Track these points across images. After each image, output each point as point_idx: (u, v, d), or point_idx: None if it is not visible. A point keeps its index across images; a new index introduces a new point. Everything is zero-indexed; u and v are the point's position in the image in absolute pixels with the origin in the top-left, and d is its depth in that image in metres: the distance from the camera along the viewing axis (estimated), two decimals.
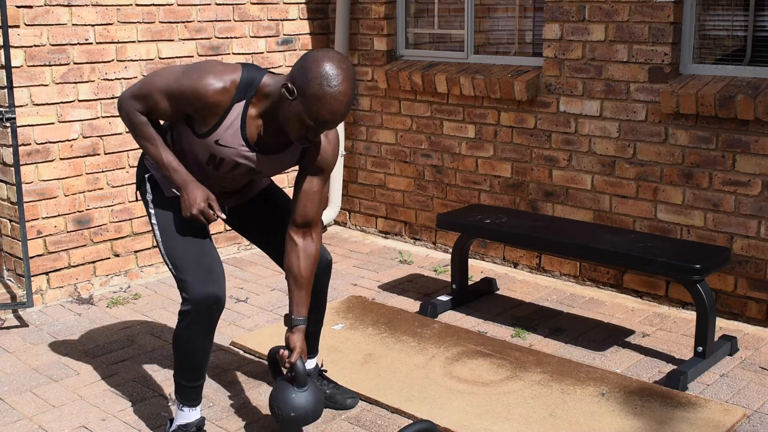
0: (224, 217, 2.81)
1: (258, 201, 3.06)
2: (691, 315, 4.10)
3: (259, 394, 3.35)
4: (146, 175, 2.89)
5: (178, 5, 4.67)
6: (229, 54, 4.93)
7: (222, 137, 2.66)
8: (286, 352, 2.84)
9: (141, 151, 4.59)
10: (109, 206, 4.54)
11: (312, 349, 3.27)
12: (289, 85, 2.50)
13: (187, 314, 2.75)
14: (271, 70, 2.74)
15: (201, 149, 2.71)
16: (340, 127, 5.43)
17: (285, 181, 5.33)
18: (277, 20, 5.19)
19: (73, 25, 4.26)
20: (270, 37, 5.15)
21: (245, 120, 2.64)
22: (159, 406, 3.25)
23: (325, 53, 2.50)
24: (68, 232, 4.39)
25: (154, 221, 2.86)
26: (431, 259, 5.05)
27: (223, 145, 2.67)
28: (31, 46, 4.12)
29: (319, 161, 2.78)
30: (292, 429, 2.86)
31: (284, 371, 2.90)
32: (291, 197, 2.96)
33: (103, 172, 4.49)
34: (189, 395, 2.90)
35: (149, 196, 2.88)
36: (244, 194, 3.03)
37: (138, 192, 2.97)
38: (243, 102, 2.62)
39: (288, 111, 2.53)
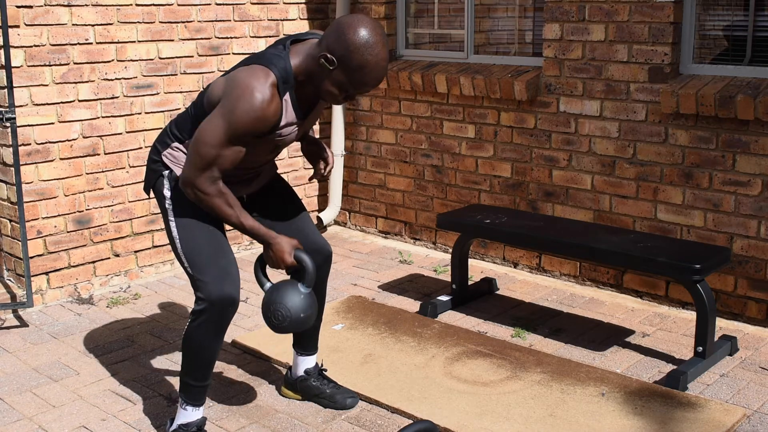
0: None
1: (268, 192, 3.09)
2: (691, 315, 4.10)
3: (259, 394, 3.35)
4: (167, 172, 2.86)
5: (178, 5, 4.67)
6: (229, 54, 4.93)
7: (283, 129, 2.71)
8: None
9: (142, 150, 4.60)
10: (109, 206, 4.54)
11: (312, 346, 3.28)
12: (328, 56, 2.55)
13: (202, 314, 2.76)
14: (280, 37, 2.77)
15: (263, 145, 2.75)
16: (340, 127, 5.43)
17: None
18: (277, 20, 5.19)
19: (73, 25, 4.26)
20: (270, 37, 5.15)
21: (295, 103, 2.70)
22: (159, 406, 3.25)
23: (358, 20, 2.55)
24: (68, 232, 4.39)
25: (171, 218, 2.84)
26: (431, 259, 5.05)
27: (285, 134, 2.73)
28: (31, 46, 4.12)
29: None
30: (292, 331, 2.83)
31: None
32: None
33: (103, 172, 4.49)
34: (194, 395, 2.91)
35: (168, 193, 2.85)
36: (264, 176, 3.04)
37: (151, 188, 2.94)
38: (288, 93, 2.66)
39: (329, 80, 2.60)
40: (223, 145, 2.60)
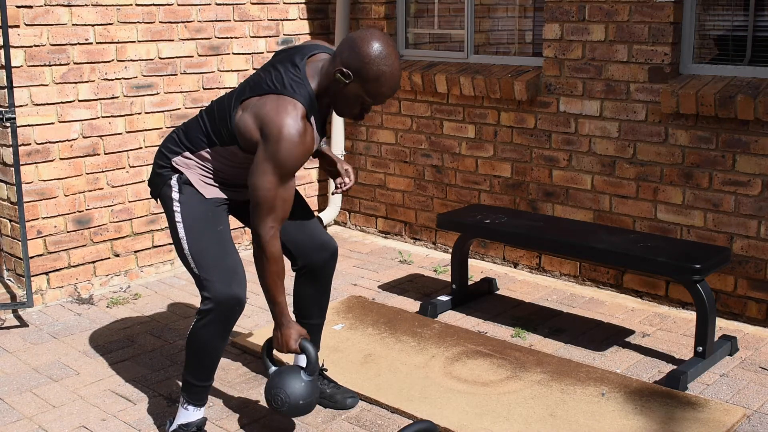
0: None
1: None
2: (691, 315, 4.10)
3: (259, 394, 3.35)
4: (176, 175, 2.88)
5: (178, 5, 4.67)
6: (229, 54, 4.93)
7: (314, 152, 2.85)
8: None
9: (142, 150, 4.60)
10: (109, 206, 4.54)
11: (314, 344, 3.28)
12: (344, 70, 2.63)
13: (208, 313, 2.76)
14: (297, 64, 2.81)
15: None
16: (340, 127, 5.43)
17: None
18: (277, 20, 5.19)
19: (73, 25, 4.26)
20: (270, 37, 5.15)
21: (319, 124, 2.82)
22: (159, 406, 3.25)
23: (370, 33, 2.64)
24: (68, 232, 4.39)
25: (178, 219, 2.85)
26: (431, 259, 5.05)
27: (312, 156, 2.88)
28: (31, 46, 4.12)
29: None
30: (290, 416, 2.90)
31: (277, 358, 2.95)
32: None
33: (103, 172, 4.49)
34: (196, 394, 2.91)
35: (176, 195, 2.87)
36: None
37: (155, 189, 2.95)
38: (312, 116, 2.74)
39: (344, 93, 2.68)
40: (278, 186, 2.65)
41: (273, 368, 2.94)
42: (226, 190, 2.92)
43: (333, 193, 3.14)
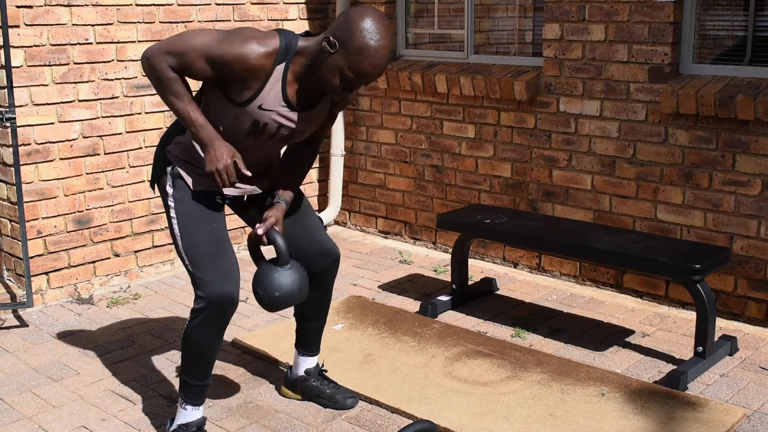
0: (249, 174, 2.77)
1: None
2: (691, 315, 4.10)
3: (259, 394, 3.35)
4: (169, 168, 2.86)
5: (178, 5, 4.67)
6: None
7: (265, 101, 2.69)
8: (261, 226, 2.83)
9: (142, 150, 4.60)
10: (109, 206, 4.54)
11: (314, 348, 3.28)
12: (331, 38, 2.56)
13: (201, 312, 2.76)
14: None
15: (242, 118, 2.72)
16: (340, 127, 5.43)
17: None
18: (277, 20, 5.19)
19: (73, 25, 4.26)
20: None
21: (285, 81, 2.69)
22: (159, 406, 3.25)
23: (367, 9, 2.59)
24: (68, 232, 4.39)
25: (173, 215, 2.83)
26: (431, 259, 5.05)
27: (266, 110, 2.71)
28: (31, 46, 4.12)
29: (341, 105, 2.92)
30: (278, 308, 2.85)
31: (261, 253, 2.88)
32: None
33: (103, 172, 4.49)
34: (194, 394, 2.91)
35: (170, 190, 2.85)
36: (269, 173, 3.00)
37: (156, 184, 2.94)
38: (283, 64, 2.67)
39: (328, 64, 2.60)
40: (199, 50, 2.62)
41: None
42: (214, 181, 2.89)
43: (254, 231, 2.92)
